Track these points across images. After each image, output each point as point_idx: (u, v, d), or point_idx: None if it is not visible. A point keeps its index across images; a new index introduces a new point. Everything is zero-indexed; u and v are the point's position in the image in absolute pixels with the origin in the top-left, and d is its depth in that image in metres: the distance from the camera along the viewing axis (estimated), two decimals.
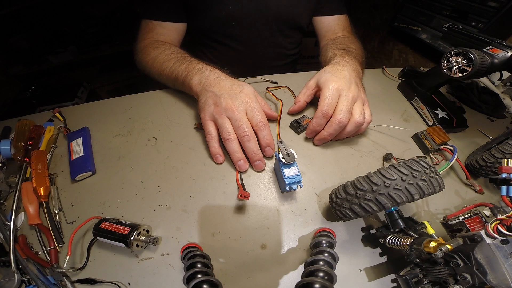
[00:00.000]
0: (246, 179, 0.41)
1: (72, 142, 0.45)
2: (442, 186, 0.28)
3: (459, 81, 0.61)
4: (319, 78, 0.47)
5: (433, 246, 0.24)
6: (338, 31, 0.68)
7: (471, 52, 0.41)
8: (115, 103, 0.54)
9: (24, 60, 1.46)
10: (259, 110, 0.42)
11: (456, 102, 0.61)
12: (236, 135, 0.41)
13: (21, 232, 0.36)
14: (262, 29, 0.67)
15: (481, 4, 0.79)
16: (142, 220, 0.37)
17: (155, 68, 0.54)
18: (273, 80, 0.59)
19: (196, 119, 0.50)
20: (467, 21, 0.84)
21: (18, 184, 0.38)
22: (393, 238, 0.30)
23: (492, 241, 0.23)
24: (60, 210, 0.38)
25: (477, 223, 0.34)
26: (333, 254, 0.30)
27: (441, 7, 0.93)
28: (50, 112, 0.52)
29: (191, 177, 0.41)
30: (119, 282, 0.31)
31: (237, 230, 0.36)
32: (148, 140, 0.47)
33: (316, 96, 0.50)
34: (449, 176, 0.44)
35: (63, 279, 0.31)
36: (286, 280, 0.32)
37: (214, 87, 0.43)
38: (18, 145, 0.43)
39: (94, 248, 0.34)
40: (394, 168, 0.28)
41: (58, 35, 1.48)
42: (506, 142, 0.38)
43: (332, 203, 0.33)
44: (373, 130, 0.50)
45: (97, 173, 0.42)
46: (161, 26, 0.60)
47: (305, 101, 0.50)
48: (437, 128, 0.47)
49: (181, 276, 0.29)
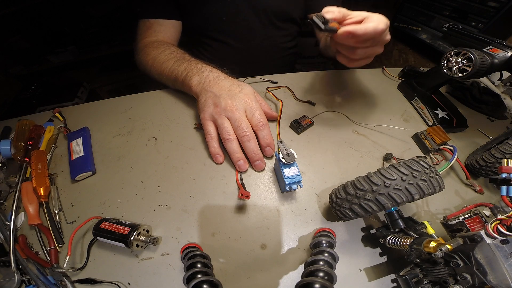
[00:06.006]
0: (246, 179, 0.41)
1: (72, 142, 0.45)
2: (442, 186, 0.28)
3: (460, 81, 0.61)
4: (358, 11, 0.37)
5: (433, 246, 0.24)
6: None
7: (471, 52, 0.41)
8: (115, 103, 0.54)
9: (24, 60, 1.46)
10: (259, 110, 0.42)
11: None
12: (236, 135, 0.41)
13: (21, 232, 0.36)
14: (253, 23, 0.67)
15: (481, 4, 0.79)
16: (142, 220, 0.37)
17: (155, 68, 0.54)
18: (273, 80, 0.59)
19: (196, 119, 0.50)
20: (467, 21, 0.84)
21: (18, 184, 0.38)
22: (393, 238, 0.30)
23: (492, 241, 0.23)
24: (60, 210, 0.38)
25: (477, 223, 0.34)
26: (333, 254, 0.30)
27: (441, 7, 0.93)
28: (50, 112, 0.52)
29: (191, 177, 0.41)
30: (119, 282, 0.31)
31: (237, 230, 0.36)
32: (148, 140, 0.47)
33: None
34: (449, 176, 0.44)
35: (63, 279, 0.31)
36: (286, 280, 0.32)
37: (214, 87, 0.43)
38: (18, 145, 0.43)
39: (94, 248, 0.34)
40: (394, 168, 0.28)
41: (58, 35, 1.48)
42: (506, 142, 0.38)
43: (332, 203, 0.33)
44: (373, 130, 0.50)
45: (97, 173, 0.42)
46: (158, 24, 0.61)
47: (339, 13, 0.35)
48: (437, 128, 0.47)
49: (181, 276, 0.29)
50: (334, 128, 0.50)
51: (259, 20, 0.67)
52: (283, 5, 0.66)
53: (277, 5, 0.65)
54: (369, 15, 0.36)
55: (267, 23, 0.68)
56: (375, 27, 0.34)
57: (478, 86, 0.60)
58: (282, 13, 0.68)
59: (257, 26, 0.68)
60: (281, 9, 0.67)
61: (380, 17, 0.35)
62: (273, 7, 0.65)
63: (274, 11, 0.66)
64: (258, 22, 0.67)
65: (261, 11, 0.65)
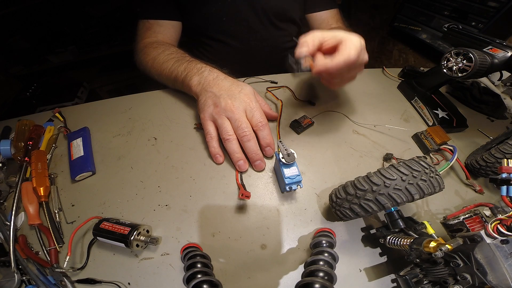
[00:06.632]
0: (246, 179, 0.41)
1: (72, 142, 0.45)
2: (442, 186, 0.28)
3: (460, 81, 0.61)
4: (335, 31, 0.38)
5: (433, 246, 0.24)
6: (332, 23, 0.69)
7: (471, 52, 0.41)
8: (115, 103, 0.54)
9: (24, 60, 1.46)
10: (259, 110, 0.42)
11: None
12: (236, 135, 0.41)
13: (21, 232, 0.36)
14: (253, 23, 0.67)
15: (481, 4, 0.79)
16: (142, 220, 0.37)
17: (155, 68, 0.54)
18: (273, 80, 0.59)
19: (196, 119, 0.50)
20: (467, 21, 0.84)
21: (18, 184, 0.38)
22: (393, 238, 0.30)
23: (492, 241, 0.23)
24: (60, 210, 0.38)
25: (477, 223, 0.34)
26: (333, 254, 0.30)
27: (441, 7, 0.93)
28: (50, 112, 0.52)
29: (191, 177, 0.41)
30: (119, 282, 0.31)
31: (237, 230, 0.36)
32: (148, 140, 0.47)
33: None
34: (449, 176, 0.44)
35: (63, 279, 0.31)
36: (286, 280, 0.32)
37: (214, 87, 0.43)
38: (18, 145, 0.43)
39: (94, 248, 0.34)
40: (394, 168, 0.28)
41: (58, 35, 1.48)
42: (506, 142, 0.38)
43: (332, 203, 0.33)
44: (373, 130, 0.50)
45: (97, 173, 0.42)
46: (158, 24, 0.61)
47: (313, 43, 0.37)
48: (437, 128, 0.47)
49: (181, 276, 0.29)
50: (334, 128, 0.50)
51: (259, 20, 0.67)
52: (283, 5, 0.66)
53: (277, 5, 0.65)
54: (343, 39, 0.36)
55: (267, 23, 0.68)
56: (346, 59, 0.35)
57: (478, 86, 0.60)
58: (282, 13, 0.68)
59: (257, 26, 0.68)
60: (281, 9, 0.67)
61: (353, 43, 0.36)
62: (273, 7, 0.65)
63: (274, 11, 0.66)
64: (258, 22, 0.67)
65: (261, 11, 0.65)
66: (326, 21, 0.70)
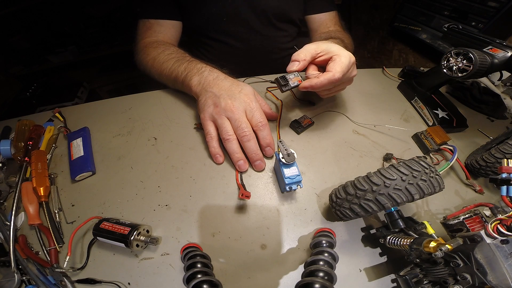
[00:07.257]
0: (246, 179, 0.41)
1: (72, 142, 0.45)
2: (442, 186, 0.28)
3: (460, 81, 0.61)
4: (329, 45, 0.41)
5: (433, 246, 0.24)
6: (330, 26, 0.69)
7: (471, 52, 0.41)
8: (115, 103, 0.54)
9: (24, 60, 1.46)
10: (259, 110, 0.42)
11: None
12: (236, 135, 0.41)
13: (21, 232, 0.36)
14: (254, 24, 0.67)
15: (481, 4, 0.79)
16: (142, 220, 0.37)
17: (155, 68, 0.54)
18: (273, 80, 0.59)
19: (196, 119, 0.50)
20: (467, 21, 0.84)
21: (18, 184, 0.38)
22: (393, 238, 0.30)
23: (492, 241, 0.23)
24: (60, 210, 0.38)
25: (477, 223, 0.34)
26: (333, 254, 0.30)
27: (441, 7, 0.93)
28: (50, 112, 0.52)
29: (191, 177, 0.41)
30: (119, 282, 0.31)
31: (237, 230, 0.36)
32: (148, 140, 0.47)
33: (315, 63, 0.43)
34: (449, 176, 0.44)
35: (63, 279, 0.31)
36: (286, 280, 0.32)
37: (214, 87, 0.43)
38: (18, 145, 0.43)
39: (94, 248, 0.34)
40: (394, 168, 0.28)
41: (58, 35, 1.48)
42: (506, 142, 0.38)
43: (332, 203, 0.33)
44: (373, 130, 0.50)
45: (97, 173, 0.42)
46: (159, 24, 0.61)
47: (305, 60, 0.40)
48: (437, 128, 0.47)
49: (181, 276, 0.29)
50: (334, 128, 0.50)
51: (259, 20, 0.67)
52: (282, 6, 0.67)
53: (276, 6, 0.66)
54: (334, 57, 0.40)
55: (267, 23, 0.69)
56: (329, 79, 0.38)
57: (478, 86, 0.60)
58: (282, 14, 0.68)
59: (257, 26, 0.68)
60: (281, 10, 0.67)
61: (342, 62, 0.39)
62: (273, 8, 0.66)
63: (273, 12, 0.67)
64: (258, 22, 0.67)
65: (261, 11, 0.65)
66: (324, 24, 0.70)
